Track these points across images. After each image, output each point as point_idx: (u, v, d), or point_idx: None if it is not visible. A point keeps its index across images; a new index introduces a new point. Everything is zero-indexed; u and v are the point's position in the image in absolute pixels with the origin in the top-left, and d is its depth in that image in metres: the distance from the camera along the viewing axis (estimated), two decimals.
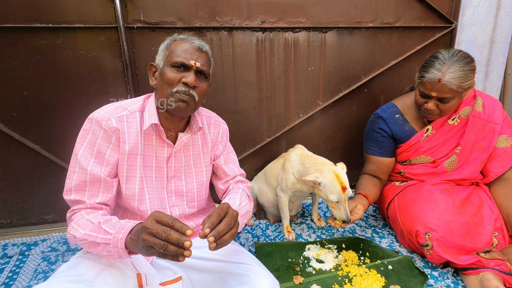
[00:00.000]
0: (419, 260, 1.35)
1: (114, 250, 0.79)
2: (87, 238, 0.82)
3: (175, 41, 0.99)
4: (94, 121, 0.92)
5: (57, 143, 1.58)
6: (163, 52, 0.99)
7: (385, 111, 1.51)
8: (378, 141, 1.51)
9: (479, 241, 1.20)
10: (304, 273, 1.28)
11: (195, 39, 0.99)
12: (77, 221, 0.87)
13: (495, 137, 1.36)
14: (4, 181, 1.59)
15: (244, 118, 1.78)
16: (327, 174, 1.25)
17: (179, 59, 0.94)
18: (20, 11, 1.38)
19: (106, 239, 0.80)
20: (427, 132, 1.44)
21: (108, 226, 0.82)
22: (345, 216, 1.26)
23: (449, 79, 1.22)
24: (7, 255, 1.44)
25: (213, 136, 1.15)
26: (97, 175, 0.90)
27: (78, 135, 0.93)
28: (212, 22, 1.58)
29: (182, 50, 0.95)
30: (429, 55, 1.34)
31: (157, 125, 0.97)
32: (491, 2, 1.90)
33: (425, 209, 1.28)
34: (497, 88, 2.12)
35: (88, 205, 0.90)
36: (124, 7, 1.47)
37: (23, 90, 1.48)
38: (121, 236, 0.78)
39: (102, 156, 0.92)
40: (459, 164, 1.41)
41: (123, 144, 0.94)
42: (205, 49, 1.00)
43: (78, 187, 0.91)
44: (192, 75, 0.94)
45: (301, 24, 1.68)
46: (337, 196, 1.23)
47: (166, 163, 1.04)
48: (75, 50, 1.47)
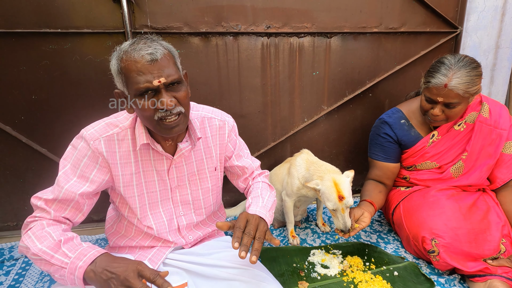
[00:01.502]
0: (425, 267, 1.34)
1: (68, 277, 0.74)
2: (41, 255, 0.76)
3: (122, 60, 0.81)
4: (82, 140, 0.89)
5: (64, 147, 1.55)
6: (118, 76, 0.84)
7: (390, 116, 1.50)
8: (383, 146, 1.51)
9: (486, 248, 1.19)
10: (309, 278, 1.27)
11: (141, 48, 0.80)
12: (35, 231, 0.81)
13: (502, 143, 1.35)
14: (11, 183, 1.60)
15: (249, 122, 1.79)
16: (326, 182, 1.25)
17: (140, 85, 0.79)
18: (30, 17, 1.41)
19: (62, 262, 0.75)
20: (433, 137, 1.43)
21: (68, 248, 0.77)
22: (342, 226, 1.24)
23: (456, 84, 1.21)
24: (13, 257, 1.45)
25: (219, 138, 1.09)
26: (71, 195, 0.86)
27: (67, 150, 0.92)
28: (218, 27, 1.59)
29: (136, 72, 0.79)
30: (434, 61, 1.34)
31: (149, 144, 0.93)
32: (496, 8, 1.90)
33: (431, 215, 1.27)
34: (503, 93, 2.11)
35: (52, 216, 0.86)
36: (132, 13, 1.49)
37: (32, 94, 1.49)
38: (81, 264, 0.73)
39: (86, 176, 0.89)
40: (465, 170, 1.40)
41: (114, 166, 0.91)
42: (159, 54, 0.80)
43: (48, 201, 0.87)
44: (164, 96, 0.81)
45: (306, 29, 1.69)
46: (333, 205, 1.22)
47: (168, 175, 1.00)
48: (83, 54, 1.49)
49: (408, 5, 1.75)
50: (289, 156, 1.90)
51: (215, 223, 1.20)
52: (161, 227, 1.02)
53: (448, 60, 1.27)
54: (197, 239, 1.12)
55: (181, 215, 1.06)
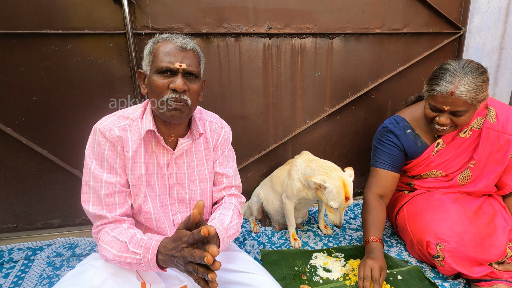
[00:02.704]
0: (429, 270, 1.31)
1: (148, 268, 0.83)
2: (118, 259, 0.85)
3: (157, 42, 0.91)
4: (98, 132, 0.90)
5: (65, 148, 1.59)
6: (147, 56, 0.93)
7: (395, 126, 1.41)
8: (392, 154, 1.40)
9: (492, 252, 1.16)
10: (311, 282, 1.25)
11: (177, 38, 0.91)
12: (104, 239, 0.87)
13: (510, 149, 1.29)
14: (12, 185, 1.59)
15: (250, 123, 1.78)
16: (335, 181, 1.23)
17: (163, 64, 0.88)
18: (31, 18, 1.40)
19: (136, 259, 0.83)
20: (438, 146, 1.38)
21: (134, 246, 0.84)
22: (339, 222, 1.31)
23: (463, 91, 1.14)
24: (12, 259, 1.44)
25: (215, 142, 1.10)
26: (112, 185, 0.90)
27: (86, 149, 0.93)
28: (219, 28, 1.59)
29: (164, 53, 0.88)
30: (436, 67, 1.26)
31: (153, 131, 0.95)
32: (500, 8, 1.89)
33: (436, 219, 1.25)
34: (507, 94, 2.09)
35: (111, 218, 0.90)
36: (133, 14, 1.48)
37: (32, 95, 1.49)
38: (150, 257, 0.82)
39: (113, 167, 0.92)
40: (473, 178, 1.35)
41: (127, 153, 0.93)
42: (189, 46, 0.91)
43: (95, 201, 0.90)
44: (179, 79, 0.88)
45: (308, 30, 1.68)
46: (339, 205, 1.22)
47: (167, 170, 1.01)
48: (84, 56, 1.49)
49: (411, 6, 1.74)
50: (291, 158, 1.89)
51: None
52: (160, 220, 1.01)
53: (452, 66, 1.19)
54: None
55: (177, 213, 1.05)
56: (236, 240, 1.61)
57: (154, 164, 0.99)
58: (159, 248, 0.82)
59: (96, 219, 0.92)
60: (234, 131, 1.23)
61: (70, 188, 1.64)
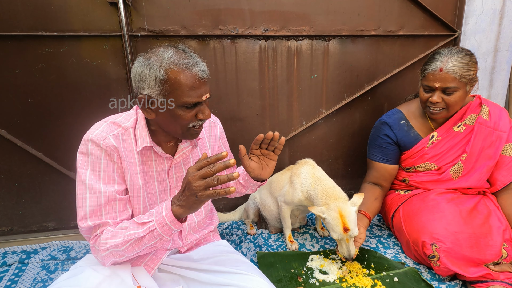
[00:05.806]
0: (425, 272, 1.31)
1: (163, 230, 0.80)
2: (130, 238, 0.81)
3: (173, 72, 0.82)
4: (91, 142, 0.86)
5: (60, 151, 1.58)
6: (159, 86, 0.83)
7: (390, 116, 1.51)
8: (383, 147, 1.50)
9: (488, 252, 1.17)
10: (307, 284, 1.24)
11: (190, 64, 0.84)
12: (107, 234, 0.84)
13: (501, 145, 1.34)
14: (6, 188, 1.58)
15: (247, 125, 1.77)
16: (332, 212, 1.23)
17: (191, 99, 0.85)
18: (27, 20, 1.40)
19: (149, 227, 0.81)
20: (432, 138, 1.43)
21: (143, 219, 0.83)
22: (347, 254, 1.25)
23: (451, 67, 1.24)
24: (6, 263, 1.42)
25: (212, 140, 1.13)
26: (111, 195, 0.88)
27: (78, 160, 0.88)
28: (216, 30, 1.59)
29: (189, 87, 0.84)
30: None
31: (151, 146, 0.93)
32: (495, 11, 1.90)
33: (431, 219, 1.25)
34: (502, 96, 2.10)
35: (112, 223, 0.87)
36: (129, 16, 1.48)
37: (27, 97, 1.48)
38: (165, 213, 0.80)
39: (110, 175, 0.89)
40: (465, 172, 1.39)
41: (123, 162, 0.91)
42: (206, 72, 0.88)
43: (94, 213, 0.86)
44: (207, 109, 0.91)
45: (304, 33, 1.68)
46: (338, 235, 1.22)
47: (168, 175, 1.01)
48: (80, 58, 1.49)
49: (406, 9, 1.75)
50: (288, 160, 1.88)
51: (210, 223, 1.21)
52: None
53: (443, 50, 1.32)
54: (193, 241, 1.11)
55: None
56: (233, 242, 1.60)
57: (153, 172, 0.98)
58: (172, 199, 0.81)
59: (94, 228, 0.88)
60: (231, 133, 1.23)
61: (65, 190, 1.63)
